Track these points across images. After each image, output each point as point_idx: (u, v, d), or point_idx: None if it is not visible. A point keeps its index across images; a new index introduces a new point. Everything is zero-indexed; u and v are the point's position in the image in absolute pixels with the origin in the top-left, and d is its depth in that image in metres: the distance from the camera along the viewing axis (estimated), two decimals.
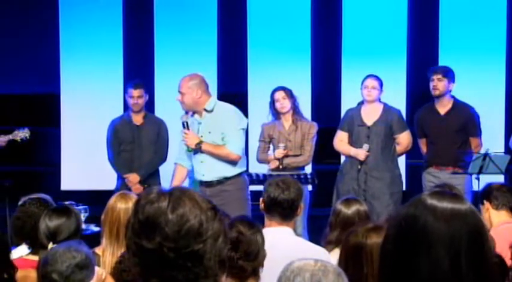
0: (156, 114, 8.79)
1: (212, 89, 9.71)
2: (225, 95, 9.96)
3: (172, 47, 10.03)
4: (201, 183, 6.86)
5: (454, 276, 1.89)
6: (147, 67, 10.00)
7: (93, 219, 6.57)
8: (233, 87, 10.09)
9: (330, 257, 4.40)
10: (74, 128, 10.02)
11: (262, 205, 4.59)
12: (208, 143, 6.77)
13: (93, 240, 4.93)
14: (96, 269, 3.76)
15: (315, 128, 7.82)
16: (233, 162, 6.83)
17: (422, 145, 8.07)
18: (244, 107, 9.89)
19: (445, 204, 1.94)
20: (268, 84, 8.48)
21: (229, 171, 6.84)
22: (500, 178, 7.93)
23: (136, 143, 8.23)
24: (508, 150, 8.20)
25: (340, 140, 7.82)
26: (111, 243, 4.63)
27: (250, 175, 8.27)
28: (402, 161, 8.87)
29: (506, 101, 9.66)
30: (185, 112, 6.91)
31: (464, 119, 7.85)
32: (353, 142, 7.72)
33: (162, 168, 8.39)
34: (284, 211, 4.48)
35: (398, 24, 9.81)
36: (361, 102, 7.83)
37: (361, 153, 7.56)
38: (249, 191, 6.95)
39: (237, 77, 10.06)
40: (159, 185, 8.09)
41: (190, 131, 6.78)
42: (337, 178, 7.77)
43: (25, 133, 8.15)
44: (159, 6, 10.14)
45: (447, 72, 7.91)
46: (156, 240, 1.93)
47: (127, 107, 8.80)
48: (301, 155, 7.71)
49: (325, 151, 8.21)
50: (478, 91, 9.29)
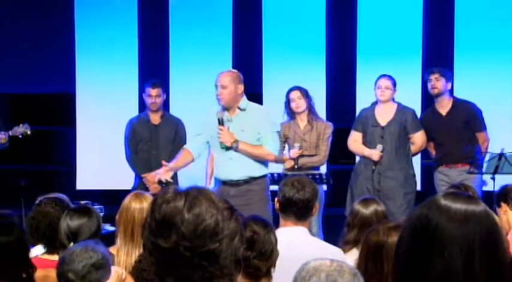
0: (171, 113, 8.80)
1: None
2: None
3: (187, 46, 10.04)
4: (224, 182, 6.76)
5: (468, 277, 1.89)
6: (162, 66, 10.01)
7: (108, 218, 6.57)
8: (248, 87, 10.02)
9: (345, 257, 4.40)
10: (89, 127, 10.04)
11: (277, 205, 4.59)
12: (245, 142, 6.69)
13: (108, 239, 4.93)
14: (116, 268, 3.77)
15: (330, 128, 7.81)
16: (264, 162, 6.81)
17: (431, 149, 8.08)
18: None
19: (459, 206, 1.94)
20: (283, 84, 8.48)
21: (257, 171, 6.77)
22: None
23: (154, 143, 8.24)
24: None
25: (355, 140, 7.82)
26: (125, 243, 4.63)
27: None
28: (417, 161, 8.85)
29: None
30: (222, 109, 6.78)
31: (466, 116, 7.85)
32: (367, 142, 7.71)
33: None
34: (299, 211, 4.48)
35: (414, 24, 9.79)
36: (375, 102, 7.82)
37: (374, 154, 7.56)
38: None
39: (252, 77, 10.04)
40: (177, 184, 8.10)
41: (226, 128, 6.69)
42: (351, 178, 7.76)
43: (24, 129, 8.12)
44: (174, 5, 10.16)
45: (444, 71, 7.94)
46: (172, 240, 1.93)
47: (142, 106, 8.82)
48: (316, 155, 7.70)
49: (340, 151, 8.20)
50: (494, 90, 9.26)
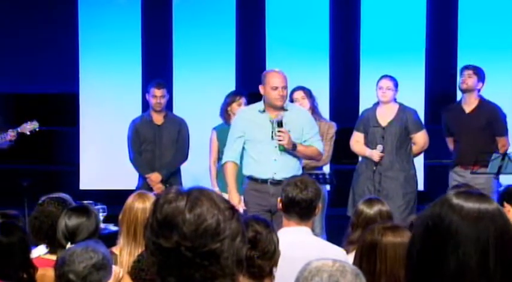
0: (175, 113, 8.79)
1: (230, 89, 9.75)
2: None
3: (190, 46, 10.04)
4: (264, 181, 6.64)
5: (482, 275, 1.88)
6: (165, 66, 10.01)
7: (111, 218, 6.58)
8: (252, 86, 10.06)
9: (347, 257, 4.40)
10: (92, 127, 10.05)
11: (280, 205, 4.58)
12: (300, 143, 6.68)
13: (111, 239, 4.93)
14: (114, 267, 3.76)
15: (333, 128, 7.80)
16: (300, 163, 6.80)
17: (450, 143, 8.04)
18: None
19: (471, 204, 1.93)
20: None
21: (297, 171, 6.71)
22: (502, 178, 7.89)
23: (157, 143, 8.24)
24: None
25: (356, 140, 7.81)
26: (128, 243, 4.63)
27: None
28: (421, 161, 8.84)
29: None
30: (263, 109, 6.72)
31: (489, 118, 7.81)
32: (368, 142, 7.70)
33: (184, 168, 8.40)
34: (302, 211, 4.48)
35: (417, 24, 9.78)
36: (377, 103, 7.81)
37: (375, 154, 7.55)
38: None
39: (255, 76, 10.02)
40: (181, 184, 8.10)
41: (287, 130, 6.61)
42: (353, 178, 7.76)
43: (33, 125, 8.09)
44: (178, 5, 10.16)
45: (478, 70, 7.90)
46: (174, 240, 1.94)
47: (146, 106, 8.82)
48: None
49: (343, 151, 8.19)
50: (498, 90, 9.24)
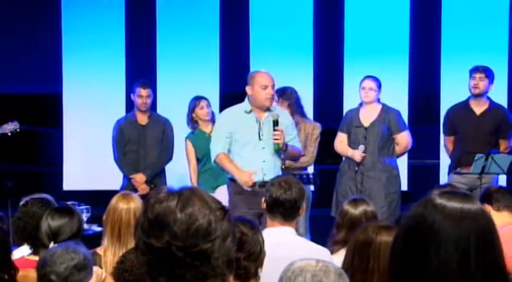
0: (159, 113, 8.78)
1: (214, 89, 9.76)
2: (227, 95, 9.97)
3: (174, 47, 10.03)
4: (253, 183, 6.56)
5: (463, 275, 1.90)
6: (149, 67, 10.00)
7: (95, 219, 6.57)
8: (235, 87, 10.07)
9: (331, 257, 4.41)
10: (76, 128, 10.02)
11: (264, 205, 4.59)
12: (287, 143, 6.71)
13: (95, 240, 4.93)
14: (96, 268, 3.75)
15: (318, 128, 7.81)
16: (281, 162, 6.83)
17: (449, 143, 7.99)
18: None
19: (455, 204, 1.95)
20: None
21: (279, 172, 6.74)
22: (502, 178, 7.92)
23: (142, 143, 8.22)
24: None
25: (340, 141, 7.83)
26: (112, 244, 4.62)
27: None
28: (404, 161, 8.86)
29: (508, 101, 9.64)
30: (249, 109, 6.70)
31: (499, 121, 7.80)
32: (351, 143, 7.72)
33: (168, 168, 8.39)
34: (286, 211, 4.49)
35: (400, 25, 9.80)
36: (361, 103, 7.83)
37: (356, 154, 7.57)
38: None
39: (239, 77, 10.04)
40: (165, 184, 8.09)
41: (282, 130, 6.61)
42: (337, 179, 7.78)
43: (14, 126, 8.05)
44: (161, 6, 10.14)
45: (489, 72, 7.86)
46: (165, 239, 1.94)
47: (130, 106, 8.80)
48: (304, 156, 7.70)
49: (327, 151, 8.20)
50: None
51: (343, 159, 7.87)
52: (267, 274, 3.59)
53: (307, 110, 8.17)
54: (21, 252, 4.42)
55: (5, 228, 4.38)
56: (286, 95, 7.75)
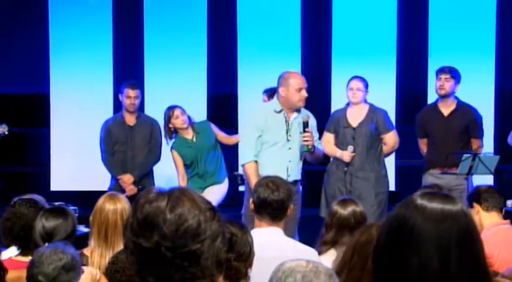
0: (146, 114, 8.76)
1: (202, 90, 9.75)
2: (215, 96, 9.98)
3: (162, 47, 10.02)
4: None
5: (444, 276, 1.90)
6: (136, 68, 9.98)
7: (83, 220, 6.54)
8: (223, 88, 10.10)
9: (319, 258, 4.41)
10: (63, 128, 9.99)
11: (252, 206, 4.59)
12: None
13: (83, 241, 4.91)
14: (90, 269, 3.75)
15: None
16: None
17: (423, 145, 8.04)
18: (235, 107, 9.90)
19: (435, 205, 1.95)
20: (258, 85, 8.49)
21: (300, 174, 6.91)
22: (489, 178, 7.93)
23: (130, 144, 8.21)
24: (508, 148, 8.18)
25: (327, 141, 7.81)
26: (99, 244, 4.61)
27: (241, 175, 8.27)
28: (392, 161, 8.88)
29: (495, 101, 9.68)
30: (280, 109, 6.75)
31: (467, 121, 7.82)
32: (339, 143, 7.71)
33: (156, 169, 8.38)
34: (274, 212, 4.49)
35: (388, 25, 9.82)
36: (348, 104, 7.83)
37: (345, 155, 7.56)
38: None
39: (227, 78, 10.06)
40: (153, 185, 8.08)
41: (312, 132, 6.69)
42: (324, 179, 7.77)
43: (3, 129, 8.03)
44: (149, 6, 10.13)
45: (454, 72, 7.87)
46: (154, 239, 1.94)
47: (117, 107, 8.78)
48: None
49: None
50: (468, 91, 9.29)
51: (331, 159, 7.86)
52: (256, 274, 3.59)
53: None
54: (9, 253, 4.41)
55: None
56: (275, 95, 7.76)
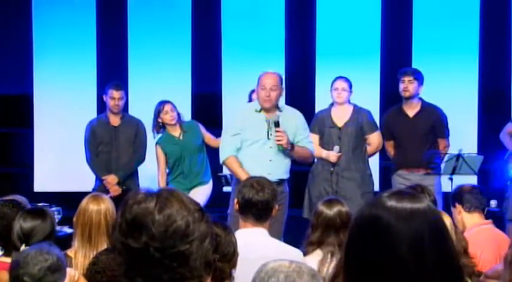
0: (130, 114, 8.74)
1: (186, 89, 9.75)
2: (199, 96, 9.97)
3: (146, 47, 10.01)
4: None
5: (419, 275, 1.91)
6: (120, 68, 9.96)
7: (67, 221, 6.53)
8: (207, 87, 10.08)
9: (307, 258, 4.41)
10: (47, 129, 9.96)
11: (236, 206, 4.58)
12: (296, 144, 6.73)
13: (67, 242, 4.90)
14: (68, 270, 3.73)
15: None
16: (288, 166, 6.84)
17: (390, 148, 8.08)
18: (219, 107, 9.89)
19: (404, 204, 1.97)
20: (243, 85, 8.49)
21: (287, 173, 6.86)
22: (473, 179, 7.96)
23: (114, 144, 8.19)
24: (491, 147, 8.22)
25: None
26: (83, 245, 4.61)
27: (225, 176, 8.27)
28: (376, 161, 8.90)
29: (479, 101, 9.71)
30: (260, 109, 6.73)
31: (432, 121, 7.87)
32: (324, 143, 7.72)
33: (141, 169, 8.36)
34: (259, 212, 4.48)
35: (372, 26, 9.84)
36: (332, 104, 7.84)
37: (331, 156, 7.58)
38: None
39: (211, 77, 10.05)
40: (138, 186, 8.08)
41: (283, 130, 6.65)
42: (309, 180, 7.77)
43: None
44: (133, 6, 10.11)
45: (417, 74, 7.91)
46: (143, 240, 1.94)
47: (101, 107, 8.76)
48: None
49: None
50: (451, 92, 9.35)
51: (315, 160, 7.88)
52: (239, 275, 3.59)
53: None
54: None
55: None
56: None
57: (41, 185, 9.95)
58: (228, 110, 9.44)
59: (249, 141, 6.74)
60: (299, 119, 6.95)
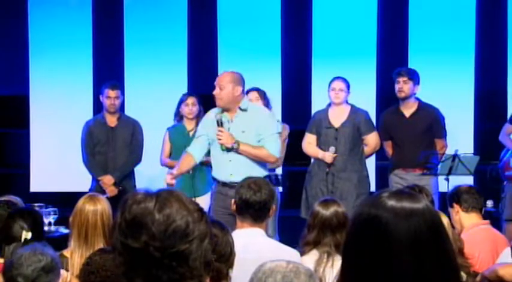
0: (127, 114, 8.73)
1: (182, 91, 9.72)
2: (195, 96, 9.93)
3: (142, 48, 10.00)
4: (223, 184, 6.58)
5: (418, 274, 1.92)
6: (117, 68, 9.95)
7: (63, 221, 6.53)
8: (204, 88, 10.06)
9: (303, 258, 4.41)
10: (43, 129, 9.95)
11: (234, 207, 4.58)
12: (246, 143, 6.57)
13: (63, 242, 4.89)
14: (61, 271, 3.72)
15: (286, 130, 7.82)
16: (264, 164, 6.72)
17: (388, 148, 8.09)
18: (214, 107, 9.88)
19: (403, 204, 1.97)
20: None
21: (257, 173, 6.49)
22: (469, 179, 7.97)
23: (111, 145, 8.18)
24: (488, 148, 8.22)
25: (309, 142, 7.82)
26: (79, 246, 4.60)
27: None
28: (372, 162, 8.90)
29: (475, 102, 9.72)
30: (222, 109, 6.68)
31: (429, 121, 7.87)
32: (321, 144, 7.72)
33: (137, 170, 8.35)
34: (256, 212, 4.49)
35: (368, 26, 9.84)
36: (329, 104, 7.85)
37: (327, 156, 7.57)
38: None
39: (207, 78, 10.03)
40: (134, 186, 8.07)
41: (225, 130, 6.58)
42: (306, 180, 7.77)
43: None
44: (129, 6, 10.10)
45: (413, 74, 7.91)
46: (142, 240, 1.94)
47: (97, 107, 8.75)
48: None
49: (295, 152, 8.21)
50: (447, 92, 9.36)
51: (312, 160, 7.88)
52: (237, 275, 3.59)
53: (275, 111, 8.17)
54: None
55: None
56: (265, 95, 7.78)
57: (37, 185, 9.94)
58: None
59: (213, 142, 6.70)
60: (264, 119, 6.71)
